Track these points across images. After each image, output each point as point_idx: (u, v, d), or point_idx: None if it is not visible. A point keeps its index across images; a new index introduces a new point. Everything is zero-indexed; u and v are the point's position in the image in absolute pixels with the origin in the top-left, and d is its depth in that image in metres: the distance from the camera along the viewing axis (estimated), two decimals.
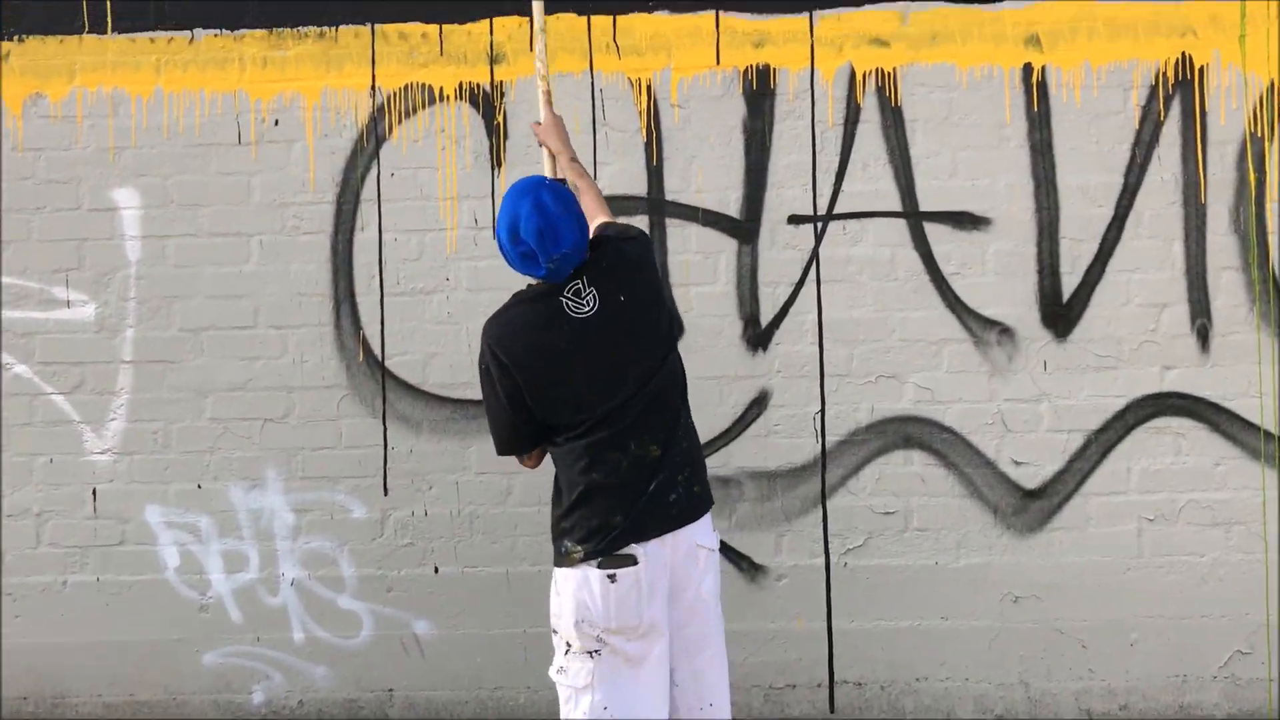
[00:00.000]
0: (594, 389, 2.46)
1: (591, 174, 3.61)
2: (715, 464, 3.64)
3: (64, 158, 3.85)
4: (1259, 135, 3.61)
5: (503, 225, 2.51)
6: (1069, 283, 3.68)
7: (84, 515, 3.82)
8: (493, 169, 3.79)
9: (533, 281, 2.62)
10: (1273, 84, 3.62)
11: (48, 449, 3.82)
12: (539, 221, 2.44)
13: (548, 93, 3.07)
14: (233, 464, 3.81)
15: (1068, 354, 3.67)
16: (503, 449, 2.63)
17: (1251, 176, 3.62)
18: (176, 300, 3.83)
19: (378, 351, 3.80)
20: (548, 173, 2.92)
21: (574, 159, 2.99)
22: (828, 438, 3.71)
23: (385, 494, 3.78)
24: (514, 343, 2.50)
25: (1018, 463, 3.68)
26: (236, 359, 3.82)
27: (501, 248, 2.54)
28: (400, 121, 3.81)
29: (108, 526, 3.82)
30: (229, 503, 3.82)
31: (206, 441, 3.81)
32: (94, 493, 3.82)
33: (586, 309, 2.49)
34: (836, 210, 3.74)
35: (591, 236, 2.62)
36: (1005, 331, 3.67)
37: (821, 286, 3.73)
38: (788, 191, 3.74)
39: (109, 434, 3.82)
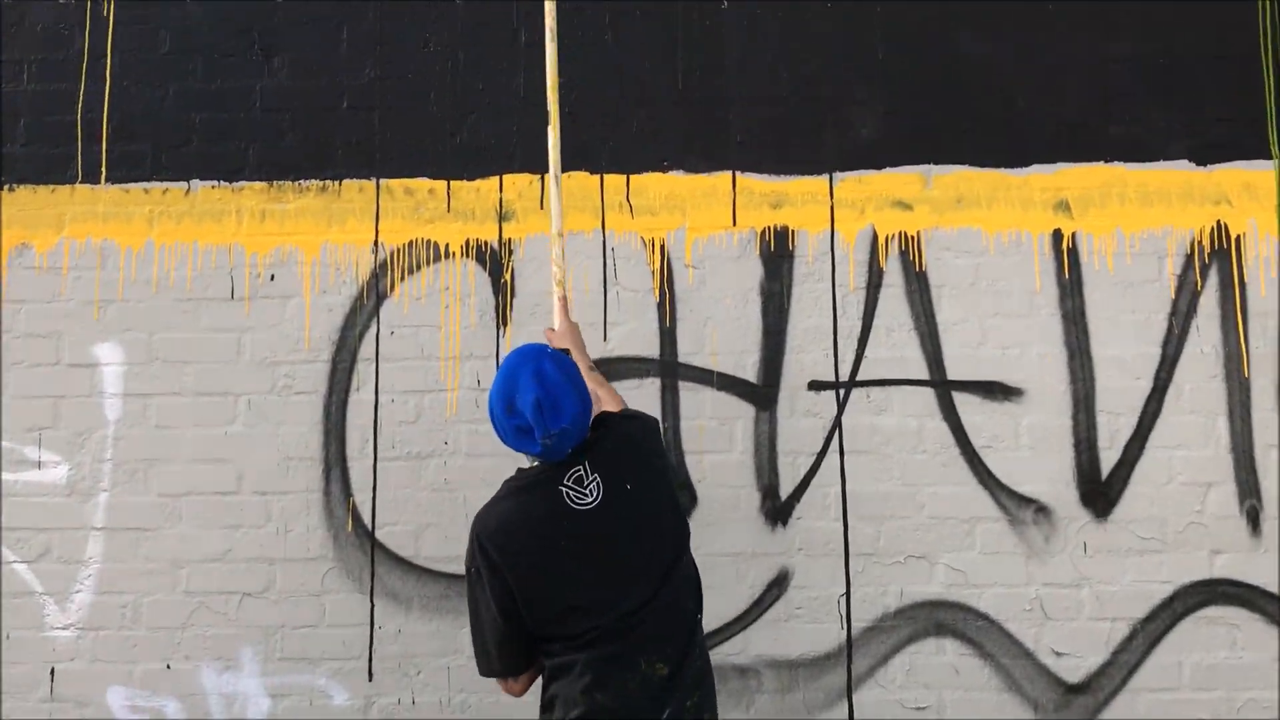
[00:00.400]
0: (600, 595, 2.22)
1: (602, 334, 3.43)
2: (731, 651, 3.38)
3: (46, 311, 3.67)
4: None
5: (497, 395, 2.30)
6: (1108, 458, 3.47)
7: (39, 697, 3.51)
8: (498, 328, 3.61)
9: (527, 463, 2.39)
10: None
11: (5, 623, 3.52)
12: (537, 392, 2.23)
13: (564, 299, 2.92)
14: (206, 642, 3.52)
15: (1109, 535, 3.43)
16: (488, 667, 2.34)
17: None
18: (155, 463, 3.59)
19: (368, 521, 3.55)
20: None
21: (591, 368, 2.80)
22: (854, 623, 3.43)
23: (370, 679, 3.48)
24: (508, 540, 2.26)
25: (1059, 654, 3.40)
26: (216, 527, 3.56)
27: (494, 419, 2.32)
28: (403, 278, 3.65)
29: (64, 710, 3.49)
30: (199, 685, 3.52)
31: (179, 617, 3.53)
32: (52, 672, 3.51)
33: (589, 500, 2.26)
34: (860, 377, 3.55)
35: (594, 417, 2.40)
36: (1042, 510, 3.44)
37: (845, 457, 3.50)
38: (808, 356, 3.56)
39: (73, 607, 3.54)
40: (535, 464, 2.43)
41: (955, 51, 3.66)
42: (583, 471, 2.30)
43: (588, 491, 2.28)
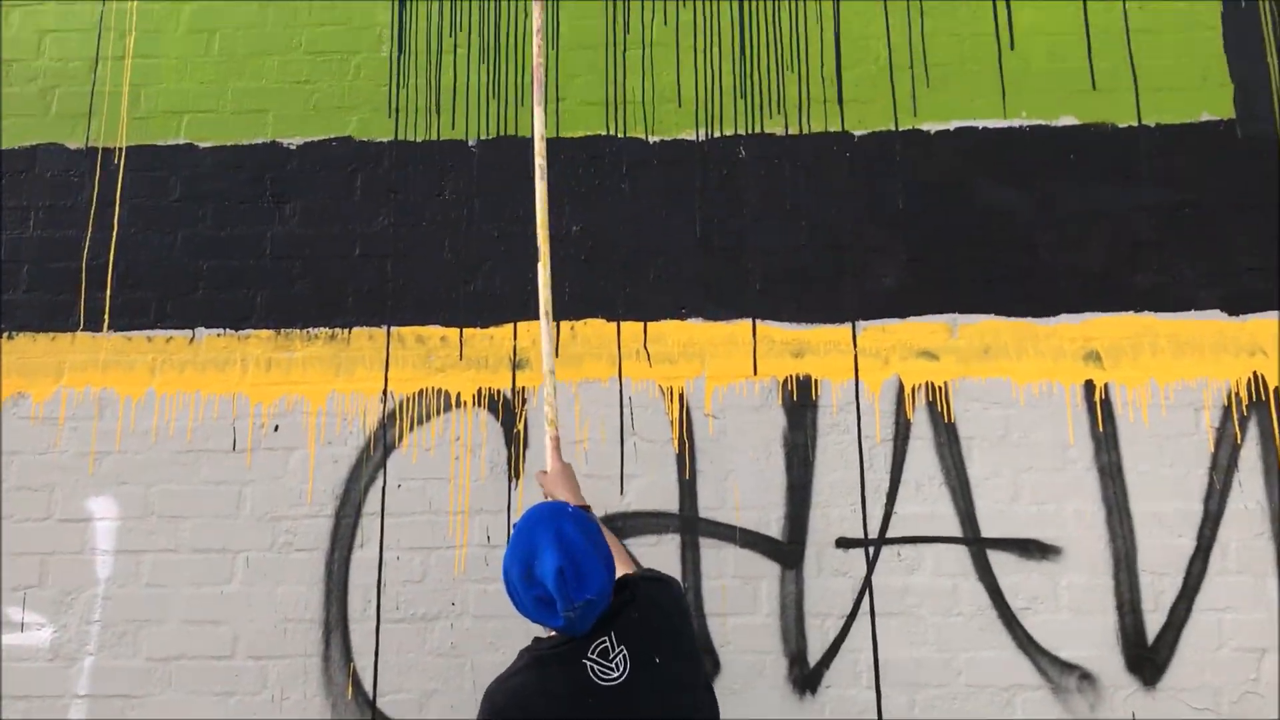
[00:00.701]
0: None
1: (618, 489, 3.29)
2: None
3: (39, 462, 3.53)
4: None
5: (514, 561, 2.14)
6: (1153, 621, 3.29)
7: None
8: (510, 481, 3.47)
9: (544, 633, 2.21)
10: None
11: None
12: (560, 559, 2.07)
13: (556, 439, 2.80)
14: None
15: (1159, 705, 3.23)
16: None
17: None
18: (145, 625, 3.40)
19: (369, 688, 3.35)
20: None
21: (591, 517, 2.65)
22: None
23: None
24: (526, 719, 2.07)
25: None
26: (209, 694, 3.36)
27: (511, 589, 2.15)
28: (411, 429, 3.52)
29: None
30: None
31: None
32: None
33: (616, 675, 2.09)
34: (890, 534, 3.39)
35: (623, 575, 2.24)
36: (1086, 677, 3.25)
37: (876, 620, 3.32)
38: (835, 511, 3.41)
39: None
40: (554, 633, 2.26)
41: (976, 200, 3.62)
42: (608, 644, 2.13)
43: (614, 665, 2.11)
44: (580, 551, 2.12)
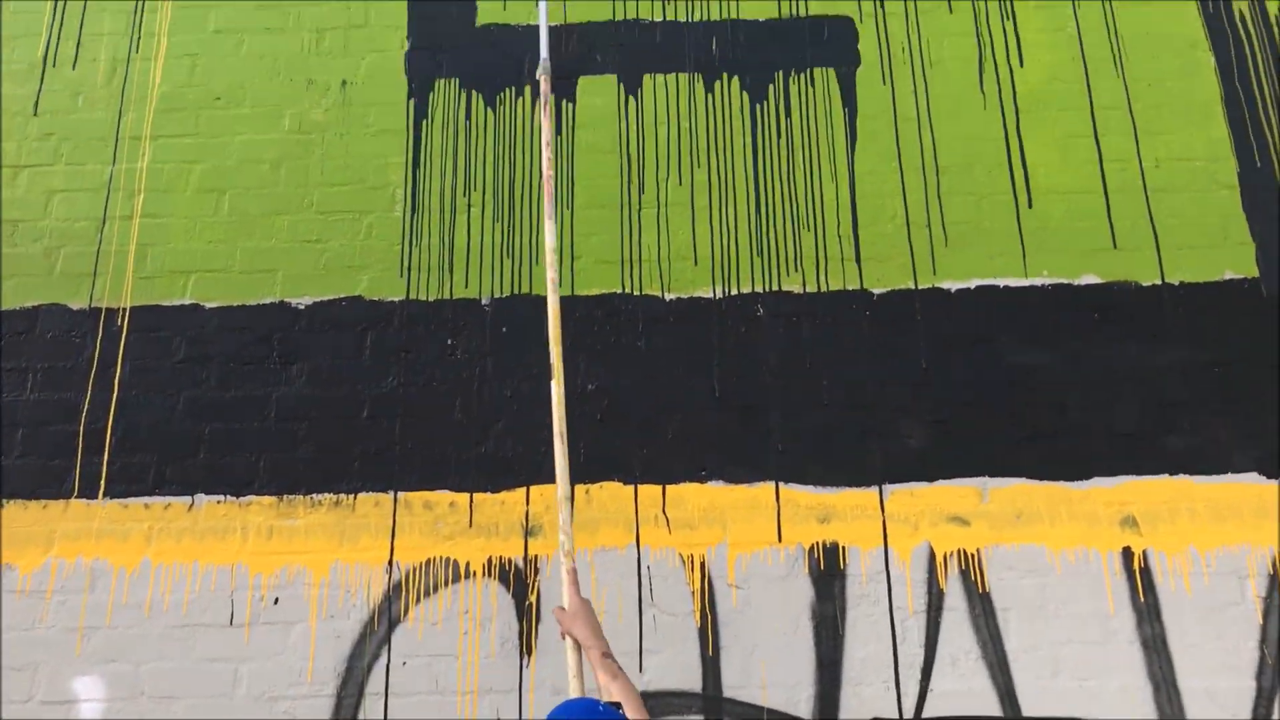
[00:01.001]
0: None
1: (636, 665, 3.12)
2: None
3: (23, 639, 3.36)
4: None
5: None
6: None
7: None
8: (521, 657, 3.29)
9: None
10: None
11: None
12: None
13: (573, 571, 2.66)
14: None
15: None
16: None
17: None
18: None
19: None
20: (571, 668, 2.49)
21: (606, 653, 2.51)
22: None
23: None
24: None
25: None
26: None
27: None
28: (418, 601, 3.36)
29: None
30: None
31: None
32: None
33: None
34: (926, 714, 3.20)
35: None
36: None
37: None
38: (867, 689, 3.24)
39: None
40: None
41: (1000, 360, 3.56)
42: None
43: None
44: None
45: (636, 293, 3.71)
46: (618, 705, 2.40)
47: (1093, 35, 3.98)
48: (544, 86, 3.46)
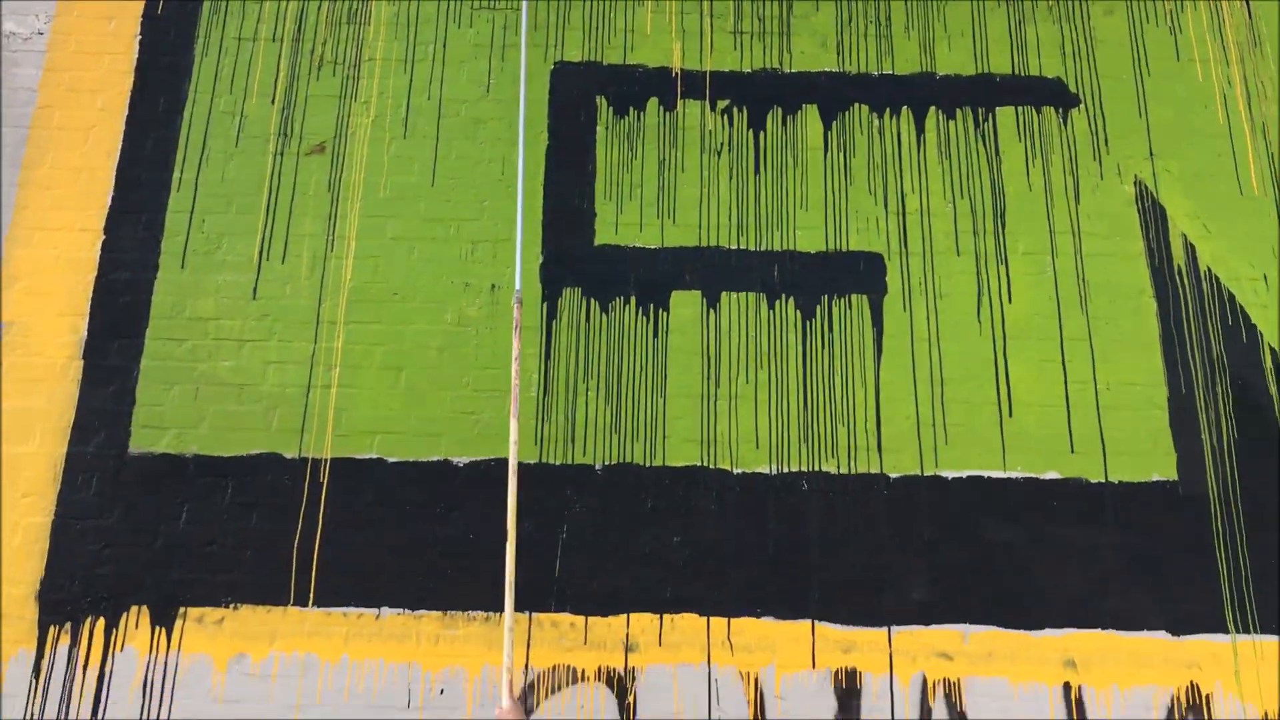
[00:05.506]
0: None
1: None
2: None
3: (256, 709, 4.73)
4: None
5: None
6: None
7: None
8: None
9: None
10: (1266, 715, 4.68)
11: None
12: None
13: (511, 683, 4.05)
14: None
15: None
16: None
17: None
18: None
19: None
20: None
21: None
22: None
23: None
24: None
25: None
26: None
27: None
28: (547, 696, 4.76)
29: None
30: None
31: None
32: None
33: None
34: None
35: None
36: None
37: None
38: None
39: None
40: None
41: (982, 534, 4.97)
42: None
43: None
44: None
45: (711, 466, 5.13)
46: None
47: (1066, 280, 5.42)
48: (515, 313, 4.84)
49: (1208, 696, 4.68)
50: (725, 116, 5.61)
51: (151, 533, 4.91)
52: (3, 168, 5.31)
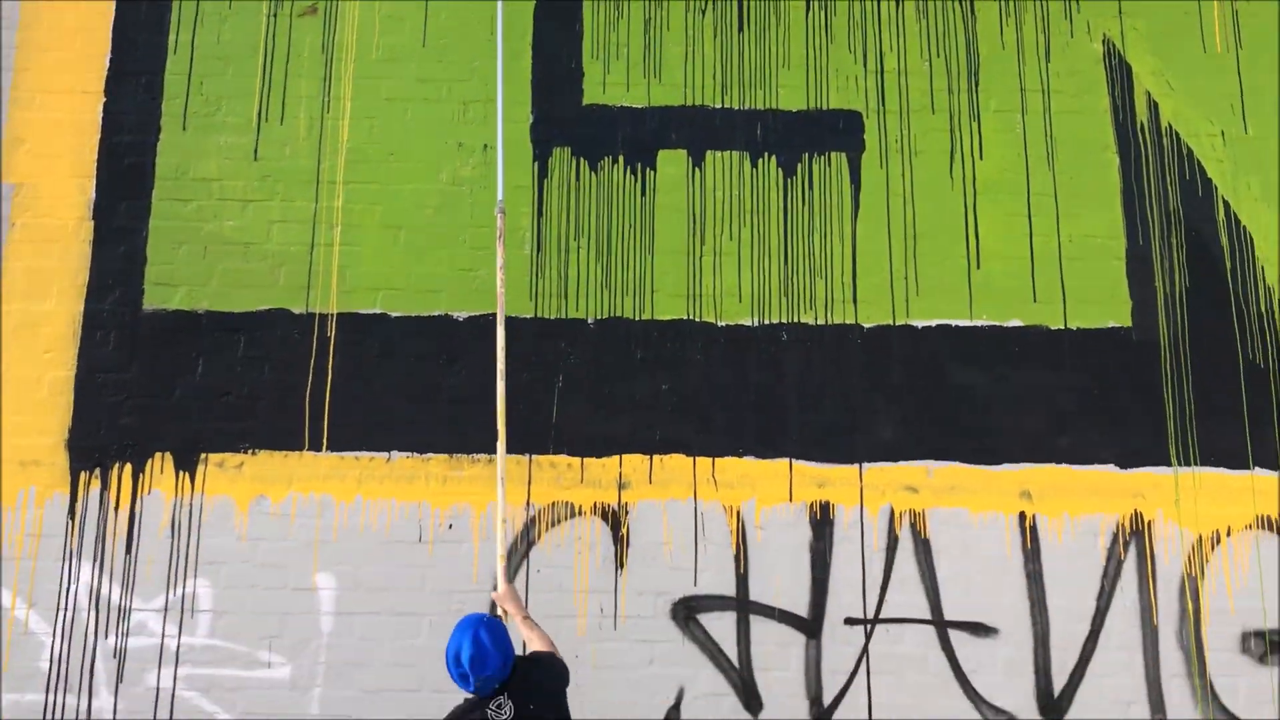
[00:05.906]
0: None
1: (693, 579, 5.01)
2: None
3: (277, 547, 5.16)
4: (1193, 575, 5.15)
5: (450, 650, 3.62)
6: (1058, 683, 5.07)
7: None
8: (616, 570, 5.17)
9: (469, 695, 3.75)
10: (1200, 538, 5.19)
11: None
12: (472, 652, 3.59)
13: (505, 570, 4.42)
14: None
15: None
16: None
17: (1189, 606, 5.12)
18: (359, 667, 5.05)
19: None
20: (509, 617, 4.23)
21: (526, 618, 4.21)
22: None
23: None
24: None
25: None
26: (406, 715, 5.02)
27: (448, 667, 3.68)
28: (547, 529, 5.21)
29: None
30: None
31: None
32: None
33: (505, 716, 3.62)
34: (882, 615, 5.14)
35: (525, 655, 3.85)
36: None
37: (871, 677, 5.08)
38: (844, 599, 5.16)
39: None
40: (470, 695, 3.78)
41: (948, 379, 5.37)
42: (502, 699, 3.61)
43: (503, 712, 3.58)
44: (486, 648, 3.60)
45: (697, 319, 5.47)
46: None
47: (1034, 137, 5.68)
48: (499, 223, 5.00)
49: (1150, 523, 5.17)
50: None
51: (169, 384, 5.22)
52: (2, 29, 5.38)
